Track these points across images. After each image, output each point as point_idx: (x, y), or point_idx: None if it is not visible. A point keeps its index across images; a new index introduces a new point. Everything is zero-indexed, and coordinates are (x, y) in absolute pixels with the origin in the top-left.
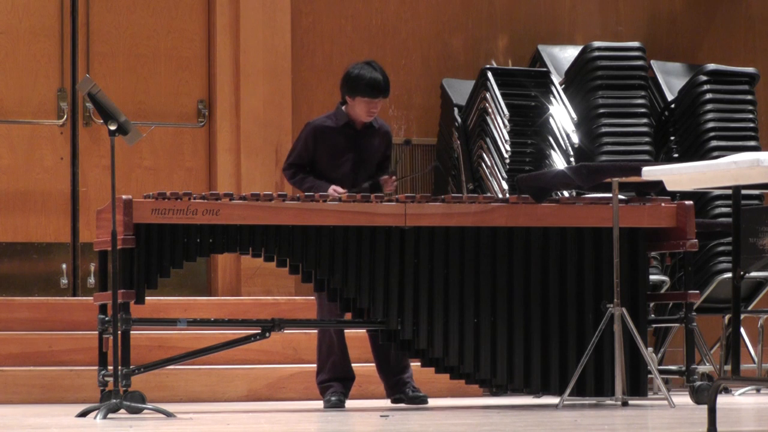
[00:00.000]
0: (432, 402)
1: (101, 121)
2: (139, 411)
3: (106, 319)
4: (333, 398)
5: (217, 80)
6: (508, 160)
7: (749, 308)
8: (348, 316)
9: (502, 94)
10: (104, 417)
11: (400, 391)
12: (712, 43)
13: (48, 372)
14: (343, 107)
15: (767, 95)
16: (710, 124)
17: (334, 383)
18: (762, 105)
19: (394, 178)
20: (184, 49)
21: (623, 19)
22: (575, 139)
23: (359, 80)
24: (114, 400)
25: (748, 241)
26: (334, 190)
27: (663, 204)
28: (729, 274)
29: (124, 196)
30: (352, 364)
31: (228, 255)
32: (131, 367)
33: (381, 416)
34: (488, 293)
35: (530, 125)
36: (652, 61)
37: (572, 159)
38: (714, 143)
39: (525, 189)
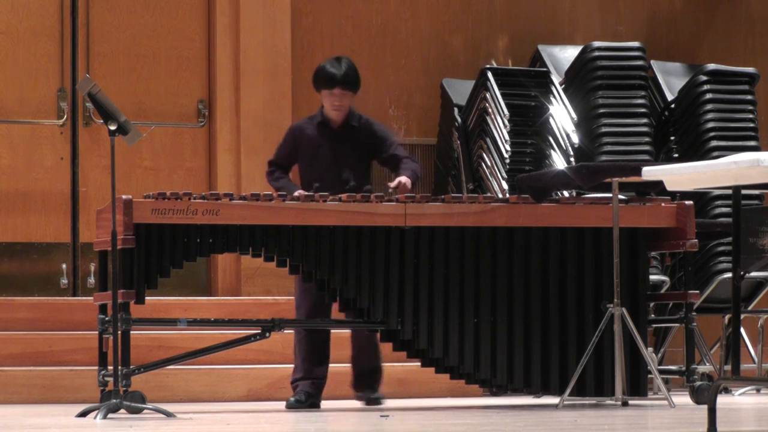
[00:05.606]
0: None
1: (101, 121)
2: (139, 411)
3: (106, 319)
4: (291, 399)
5: (217, 80)
6: (508, 160)
7: (749, 308)
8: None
9: (502, 94)
10: (104, 417)
11: (364, 389)
12: (712, 43)
13: (48, 372)
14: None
15: (767, 95)
16: (710, 124)
17: (300, 382)
18: (762, 105)
19: (402, 182)
20: (184, 49)
21: (623, 19)
22: (575, 139)
23: (318, 74)
24: (114, 400)
25: (748, 241)
26: (300, 193)
27: (663, 204)
28: (729, 274)
29: (124, 196)
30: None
31: (228, 255)
32: (131, 367)
33: (381, 416)
34: (488, 293)
35: (530, 125)
36: (652, 61)
37: (572, 159)
38: (714, 143)
39: (525, 189)
